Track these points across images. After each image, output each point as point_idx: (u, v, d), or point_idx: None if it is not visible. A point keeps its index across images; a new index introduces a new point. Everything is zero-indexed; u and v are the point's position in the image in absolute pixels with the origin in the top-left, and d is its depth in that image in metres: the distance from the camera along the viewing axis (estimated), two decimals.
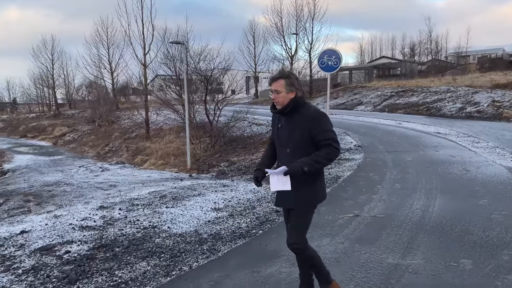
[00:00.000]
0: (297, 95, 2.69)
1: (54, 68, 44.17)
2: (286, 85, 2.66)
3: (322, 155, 2.59)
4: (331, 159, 2.64)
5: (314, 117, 2.63)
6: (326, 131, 2.61)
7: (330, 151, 2.60)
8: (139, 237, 4.94)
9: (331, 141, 2.60)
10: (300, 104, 2.67)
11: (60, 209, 6.92)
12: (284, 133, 2.74)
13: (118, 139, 22.11)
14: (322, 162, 2.61)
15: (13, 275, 4.11)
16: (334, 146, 2.60)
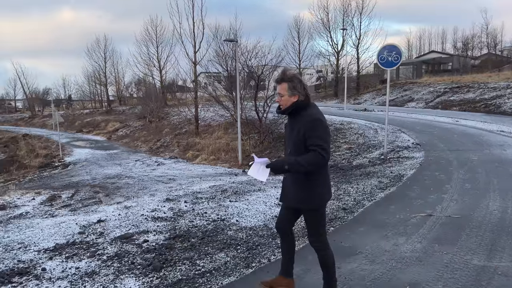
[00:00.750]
0: (299, 99, 2.73)
1: (106, 66, 46.31)
2: (288, 89, 2.72)
3: (305, 159, 2.62)
4: (313, 164, 2.62)
5: (309, 121, 2.66)
6: (316, 137, 2.62)
7: (314, 156, 2.60)
8: (211, 229, 5.09)
9: (318, 147, 2.60)
10: (301, 107, 2.72)
11: (128, 201, 7.28)
12: (287, 133, 2.87)
13: (169, 135, 22.84)
14: (303, 165, 2.61)
15: (99, 261, 4.39)
16: (319, 152, 2.59)
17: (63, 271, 4.12)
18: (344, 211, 5.50)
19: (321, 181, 2.77)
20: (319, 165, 2.65)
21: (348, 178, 7.72)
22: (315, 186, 2.73)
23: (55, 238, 5.15)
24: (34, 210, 6.65)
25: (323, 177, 2.79)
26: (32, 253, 4.61)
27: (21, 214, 6.37)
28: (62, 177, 13.80)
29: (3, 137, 35.32)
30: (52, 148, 24.61)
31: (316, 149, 2.59)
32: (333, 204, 5.91)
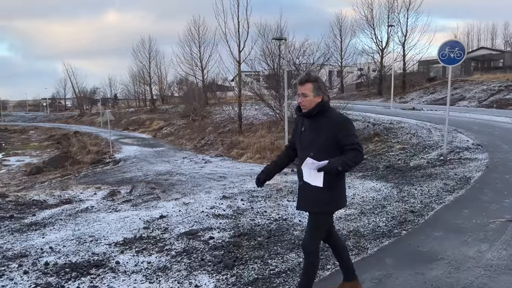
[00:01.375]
0: (323, 99, 2.70)
1: (151, 66, 47.74)
2: (313, 89, 2.67)
3: (351, 158, 2.59)
4: (357, 162, 2.65)
5: (339, 121, 2.65)
6: (351, 135, 2.63)
7: (356, 154, 2.60)
8: (275, 228, 5.03)
9: (356, 145, 2.60)
10: (325, 108, 2.69)
11: (185, 197, 7.39)
12: (308, 136, 2.75)
13: (212, 133, 23.14)
14: (350, 165, 2.61)
15: (169, 256, 4.44)
16: (359, 150, 2.61)
17: (136, 265, 4.21)
18: (412, 214, 5.25)
19: (341, 186, 2.79)
20: (361, 161, 2.69)
21: (408, 180, 7.41)
22: (334, 191, 2.72)
23: (122, 233, 5.29)
24: (98, 204, 6.90)
25: (342, 182, 2.81)
26: (103, 246, 4.75)
27: (86, 208, 6.62)
28: (115, 173, 14.33)
29: (56, 134, 37.37)
30: (101, 145, 25.67)
31: (356, 148, 2.60)
32: (398, 206, 5.67)
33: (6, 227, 5.40)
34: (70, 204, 6.80)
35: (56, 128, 43.16)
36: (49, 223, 5.70)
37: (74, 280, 3.81)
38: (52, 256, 4.42)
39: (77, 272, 3.98)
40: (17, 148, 32.03)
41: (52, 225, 5.61)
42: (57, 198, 7.30)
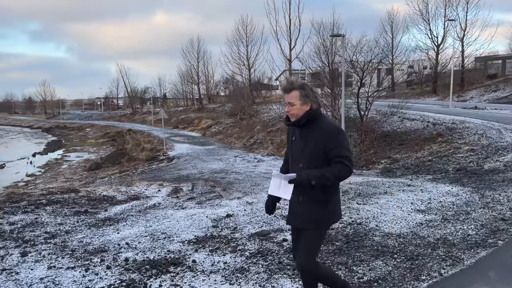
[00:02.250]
0: (312, 107, 2.51)
1: (199, 65, 48.72)
2: (300, 97, 2.49)
3: (332, 172, 2.42)
4: (340, 177, 2.46)
5: (330, 131, 2.47)
6: (340, 147, 2.44)
7: (341, 168, 2.42)
8: (351, 232, 4.79)
9: (343, 158, 2.42)
10: (315, 117, 2.51)
11: (247, 196, 7.31)
12: (298, 146, 2.59)
13: (261, 132, 23.11)
14: (330, 179, 2.43)
15: (243, 257, 4.35)
16: (346, 164, 2.41)
17: (212, 264, 4.15)
18: (504, 222, 4.80)
19: (335, 200, 2.60)
20: (345, 177, 2.49)
21: (488, 184, 6.85)
22: (328, 205, 2.54)
23: (192, 231, 5.29)
24: (164, 201, 6.99)
25: (337, 196, 2.61)
26: (177, 244, 4.76)
27: (154, 204, 6.73)
28: (171, 170, 14.65)
29: (111, 132, 39.17)
30: (154, 142, 26.50)
31: (342, 161, 2.42)
32: (485, 213, 5.21)
33: (83, 222, 5.58)
34: (138, 201, 6.94)
35: (111, 126, 45.23)
36: (122, 219, 5.83)
37: (155, 277, 3.81)
38: (130, 252, 4.48)
39: (157, 270, 3.99)
40: (76, 145, 33.94)
41: (124, 221, 5.73)
42: (124, 194, 7.50)
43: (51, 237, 4.90)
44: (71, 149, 30.74)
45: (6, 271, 3.89)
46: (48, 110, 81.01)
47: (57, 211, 6.01)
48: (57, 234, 5.03)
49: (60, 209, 6.12)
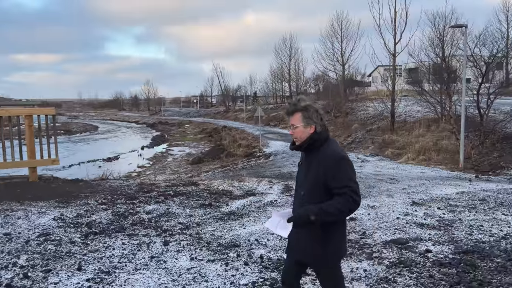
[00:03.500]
0: (316, 130, 2.31)
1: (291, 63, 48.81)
2: (303, 119, 2.31)
3: (334, 205, 2.17)
4: (345, 211, 2.21)
5: (333, 159, 2.23)
6: (343, 177, 2.19)
7: (344, 201, 2.16)
8: (510, 248, 4.16)
9: (347, 189, 2.16)
10: (318, 141, 2.30)
11: (366, 199, 6.91)
12: (302, 172, 2.42)
13: (359, 131, 22.19)
14: (333, 214, 2.18)
15: (382, 265, 4.03)
16: (350, 195, 2.16)
17: (351, 270, 3.91)
18: None
19: (341, 233, 2.36)
20: (352, 210, 2.23)
21: None
22: (334, 240, 2.29)
23: None
24: (280, 199, 6.95)
25: (343, 229, 2.38)
26: None
27: (271, 201, 6.71)
28: (270, 167, 14.77)
29: (207, 128, 41.29)
30: (249, 139, 27.16)
31: (346, 192, 2.16)
32: None
33: (209, 215, 5.76)
34: (254, 196, 7.00)
35: (207, 122, 47.74)
36: (244, 214, 5.89)
37: None
38: (262, 249, 4.45)
39: None
40: (177, 140, 36.45)
41: (247, 216, 5.78)
42: (239, 189, 7.64)
43: (185, 228, 5.12)
44: (173, 144, 33.09)
45: (155, 258, 4.12)
46: (151, 107, 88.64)
47: (184, 203, 6.31)
48: (190, 225, 5.24)
49: (187, 201, 6.42)
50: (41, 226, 4.92)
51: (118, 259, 4.05)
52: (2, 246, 4.29)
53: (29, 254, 4.10)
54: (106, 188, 7.02)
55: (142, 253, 4.26)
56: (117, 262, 4.00)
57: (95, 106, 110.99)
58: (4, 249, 4.20)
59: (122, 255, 4.17)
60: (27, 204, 5.75)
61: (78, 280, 3.59)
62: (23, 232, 4.70)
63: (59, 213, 5.44)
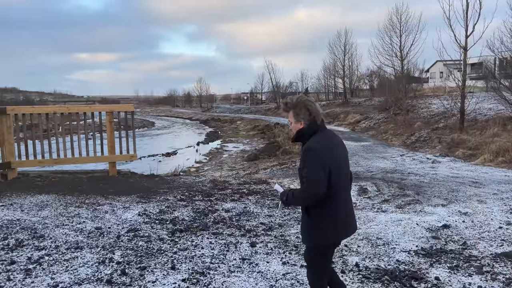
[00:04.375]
0: (303, 126, 2.50)
1: (345, 59, 47.50)
2: (294, 115, 2.54)
3: (297, 192, 2.44)
4: (299, 197, 2.42)
5: (303, 152, 2.42)
6: (305, 167, 2.37)
7: (301, 189, 2.39)
8: None
9: (305, 179, 2.35)
10: (305, 135, 2.49)
11: (453, 204, 6.36)
12: None
13: (424, 129, 20.97)
14: (296, 199, 2.46)
15: (497, 281, 3.60)
16: (307, 185, 2.34)
17: (464, 286, 3.53)
18: None
19: (320, 216, 2.43)
20: (307, 198, 2.38)
21: None
22: (310, 222, 2.48)
23: (410, 239, 4.73)
24: (359, 201, 6.60)
25: (324, 212, 2.42)
26: (403, 254, 4.27)
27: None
28: None
29: (259, 125, 41.33)
30: None
31: (304, 182, 2.36)
32: None
33: (289, 216, 5.56)
34: None
35: (258, 119, 47.84)
36: None
37: None
38: (355, 257, 4.18)
39: (399, 283, 3.57)
40: (230, 136, 36.84)
41: None
42: None
43: (268, 229, 4.96)
44: (227, 140, 33.47)
45: (246, 260, 3.99)
46: (203, 104, 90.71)
47: (260, 202, 6.18)
48: (272, 226, 5.08)
49: (262, 200, 6.28)
50: (128, 221, 4.99)
51: (210, 260, 3.97)
52: (96, 240, 4.38)
53: (122, 250, 4.14)
54: (181, 184, 7.07)
55: (232, 254, 4.15)
56: (209, 262, 3.91)
57: (151, 102, 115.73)
58: (99, 243, 4.29)
59: (213, 255, 4.08)
60: (111, 199, 5.90)
61: (174, 279, 3.54)
62: (112, 227, 4.79)
63: (142, 208, 5.51)
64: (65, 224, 4.77)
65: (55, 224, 4.75)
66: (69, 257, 3.93)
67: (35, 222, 4.77)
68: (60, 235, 4.43)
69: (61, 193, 5.98)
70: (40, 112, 6.61)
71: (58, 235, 4.43)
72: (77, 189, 6.23)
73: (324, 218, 2.43)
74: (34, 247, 4.10)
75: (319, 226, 2.44)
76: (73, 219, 4.97)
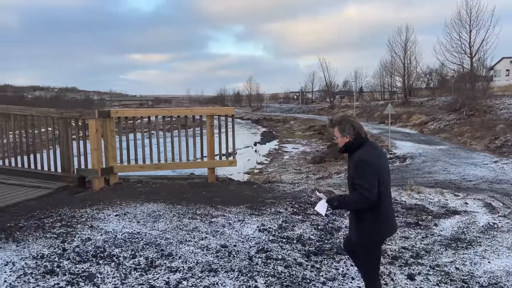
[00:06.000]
0: (350, 139, 2.83)
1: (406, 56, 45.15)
2: (339, 131, 2.86)
3: (350, 198, 2.75)
4: (355, 202, 2.72)
5: (355, 162, 2.76)
6: (359, 177, 2.69)
7: (357, 196, 2.69)
8: None
9: (360, 187, 2.67)
10: (352, 146, 2.84)
11: None
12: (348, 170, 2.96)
13: (509, 132, 19.10)
14: (348, 203, 2.78)
15: None
16: (361, 192, 2.67)
17: None
18: None
19: (370, 219, 2.75)
20: (361, 204, 2.69)
21: None
22: (361, 223, 2.79)
23: None
24: (498, 222, 5.68)
25: (373, 215, 2.74)
26: None
27: (488, 224, 5.50)
28: (415, 172, 13.26)
29: (315, 125, 40.31)
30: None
31: (358, 189, 2.68)
32: None
33: (429, 239, 4.80)
34: (459, 216, 5.84)
35: (312, 119, 46.78)
36: (472, 241, 4.81)
37: None
38: None
39: None
40: (286, 136, 36.19)
41: (478, 244, 4.69)
42: (426, 203, 6.54)
43: (416, 256, 4.26)
44: (284, 140, 32.85)
45: None
46: (252, 103, 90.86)
47: None
48: (418, 252, 4.36)
49: None
50: (252, 239, 4.49)
51: None
52: (228, 261, 3.90)
53: (264, 277, 3.62)
54: (284, 194, 6.52)
55: None
56: None
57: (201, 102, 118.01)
58: (233, 266, 3.80)
59: None
60: (221, 209, 5.46)
61: None
62: (238, 245, 4.30)
63: (259, 223, 5.01)
64: (187, 240, 4.35)
65: (178, 239, 4.35)
66: (208, 282, 3.47)
67: (156, 236, 4.39)
68: (188, 254, 4.00)
69: (169, 201, 5.63)
70: (143, 115, 6.34)
71: (186, 254, 4.00)
72: (182, 197, 5.86)
73: (372, 220, 2.76)
74: (167, 268, 3.68)
75: (369, 227, 2.78)
76: (192, 233, 4.55)
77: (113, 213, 5.01)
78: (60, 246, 3.96)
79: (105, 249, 3.95)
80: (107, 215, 4.93)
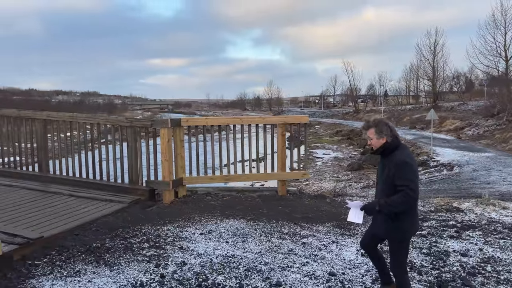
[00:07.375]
0: (387, 140, 2.90)
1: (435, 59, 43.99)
2: (375, 133, 2.93)
3: (395, 199, 2.79)
4: (403, 202, 2.78)
5: (397, 164, 2.82)
6: (404, 178, 2.77)
7: (402, 196, 2.76)
8: None
9: (405, 187, 2.75)
10: (390, 149, 2.90)
11: None
12: (379, 170, 3.04)
13: None
14: (394, 205, 2.81)
15: None
16: (407, 192, 2.74)
17: None
18: None
19: (405, 217, 2.88)
20: (408, 203, 2.80)
21: None
22: (399, 221, 2.88)
23: None
24: None
25: (411, 213, 2.91)
26: None
27: None
28: (468, 181, 12.51)
29: (342, 130, 39.53)
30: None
31: (404, 189, 2.75)
32: None
33: None
34: None
35: (338, 124, 45.99)
36: None
37: None
38: None
39: None
40: (313, 142, 35.52)
41: None
42: None
43: None
44: (312, 146, 32.20)
45: None
46: (273, 108, 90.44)
47: (495, 241, 4.87)
48: None
49: (494, 238, 4.96)
50: (359, 265, 4.00)
51: None
52: None
53: None
54: None
55: None
56: None
57: (221, 106, 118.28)
58: None
59: None
60: (307, 228, 4.99)
61: None
62: (347, 273, 3.81)
63: (356, 245, 4.51)
64: (289, 266, 3.89)
65: (278, 264, 3.90)
66: None
67: (254, 260, 3.95)
68: (297, 283, 3.54)
69: (248, 217, 5.19)
70: (213, 124, 5.94)
71: (295, 283, 3.54)
72: (260, 213, 5.42)
73: (407, 218, 2.89)
74: None
75: (403, 224, 2.90)
76: (290, 257, 4.09)
77: (196, 231, 4.60)
78: (156, 271, 3.57)
79: (207, 277, 3.53)
80: (191, 233, 4.52)
